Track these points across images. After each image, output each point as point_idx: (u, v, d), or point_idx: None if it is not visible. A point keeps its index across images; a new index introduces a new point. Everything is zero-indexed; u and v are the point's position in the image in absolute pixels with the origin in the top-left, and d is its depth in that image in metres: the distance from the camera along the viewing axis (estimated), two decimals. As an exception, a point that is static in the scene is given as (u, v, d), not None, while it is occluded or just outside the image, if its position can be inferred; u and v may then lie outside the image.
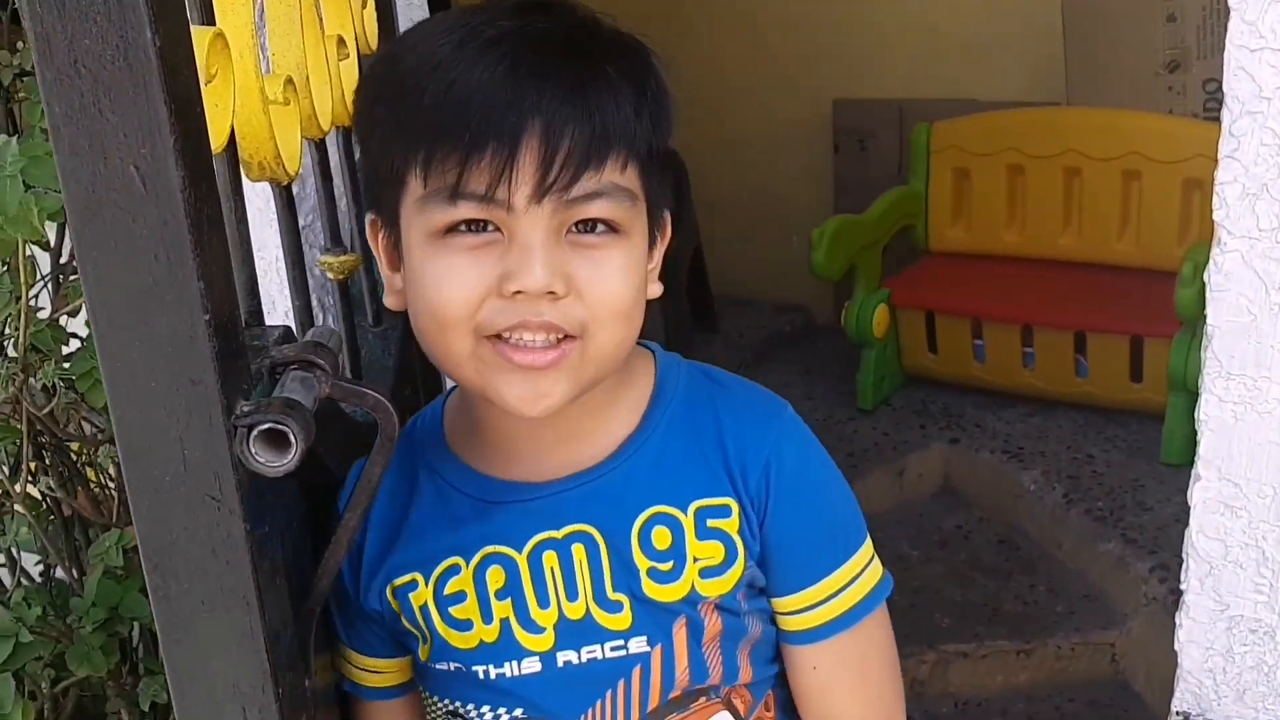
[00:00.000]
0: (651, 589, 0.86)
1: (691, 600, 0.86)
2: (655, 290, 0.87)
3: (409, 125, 0.77)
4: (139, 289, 0.61)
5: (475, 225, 0.77)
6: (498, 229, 0.76)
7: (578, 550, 0.86)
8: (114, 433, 0.64)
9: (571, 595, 0.86)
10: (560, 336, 0.78)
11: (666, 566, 0.86)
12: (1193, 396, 0.99)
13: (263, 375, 0.72)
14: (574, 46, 0.78)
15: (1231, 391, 0.96)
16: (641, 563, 0.86)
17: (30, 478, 1.43)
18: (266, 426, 0.64)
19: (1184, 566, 1.04)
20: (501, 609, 0.87)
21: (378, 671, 0.94)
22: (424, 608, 0.87)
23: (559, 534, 0.86)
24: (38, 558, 1.52)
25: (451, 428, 0.92)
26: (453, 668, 0.89)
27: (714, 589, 0.86)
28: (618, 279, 0.79)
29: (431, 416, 0.94)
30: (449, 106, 0.75)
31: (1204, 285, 0.96)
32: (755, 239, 3.30)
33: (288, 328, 0.79)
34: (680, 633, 0.87)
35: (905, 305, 2.74)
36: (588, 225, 0.78)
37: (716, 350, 3.08)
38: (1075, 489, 2.32)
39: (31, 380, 1.34)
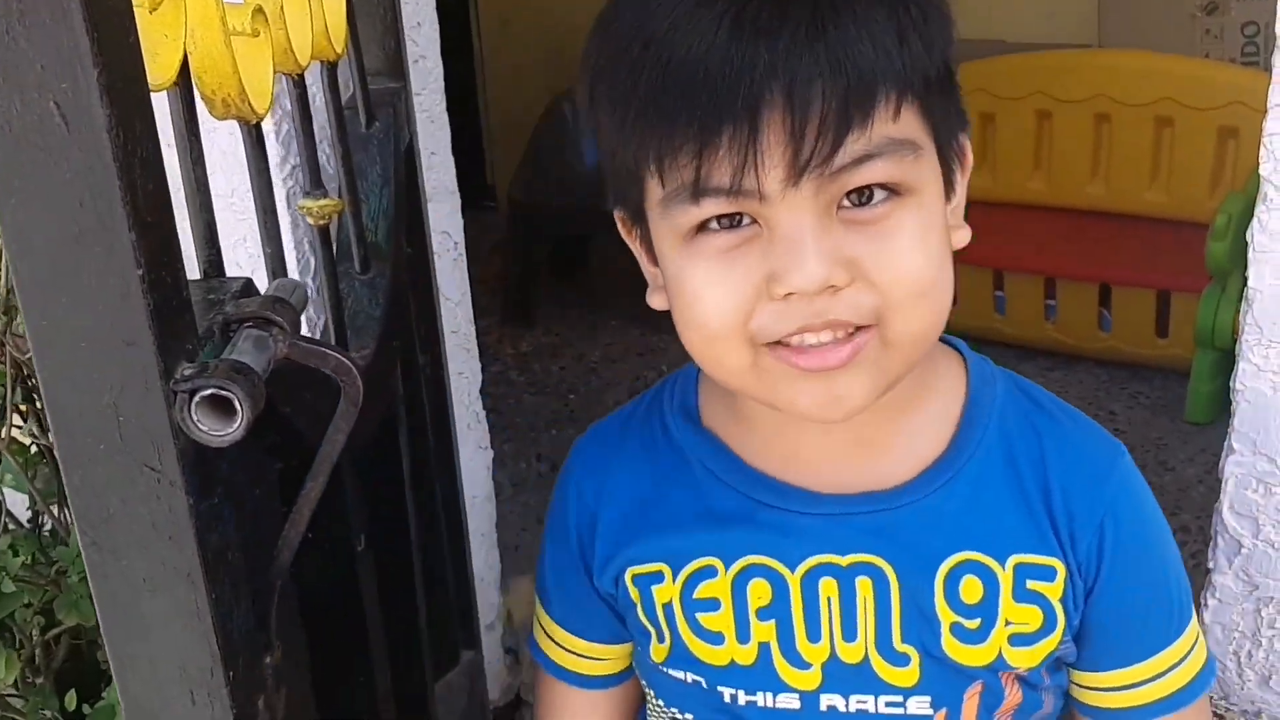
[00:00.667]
0: (952, 647, 0.75)
1: (994, 667, 0.75)
2: (962, 238, 0.72)
3: (631, 118, 0.66)
4: (64, 240, 0.55)
5: (727, 220, 0.66)
6: (754, 220, 0.65)
7: (863, 585, 0.75)
8: (44, 397, 0.58)
9: (849, 635, 0.76)
10: (852, 329, 0.66)
11: (973, 624, 0.75)
12: (1220, 354, 0.93)
13: (214, 334, 0.66)
14: None
15: (1272, 360, 0.89)
16: (945, 615, 0.75)
17: (19, 422, 1.39)
18: (209, 392, 0.59)
19: (1211, 544, 0.98)
20: (763, 631, 0.77)
21: (591, 658, 0.85)
22: (668, 606, 0.78)
23: (842, 561, 0.75)
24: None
25: (709, 402, 0.81)
26: (692, 680, 0.79)
27: (1023, 659, 0.76)
28: (912, 252, 0.65)
29: (684, 383, 0.83)
30: (670, 91, 0.63)
31: (1236, 238, 0.89)
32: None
33: (248, 280, 0.73)
34: (972, 701, 0.76)
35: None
36: (863, 194, 0.65)
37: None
38: (1095, 447, 2.26)
39: (15, 323, 1.29)
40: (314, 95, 1.10)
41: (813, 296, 0.64)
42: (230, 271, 0.86)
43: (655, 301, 0.75)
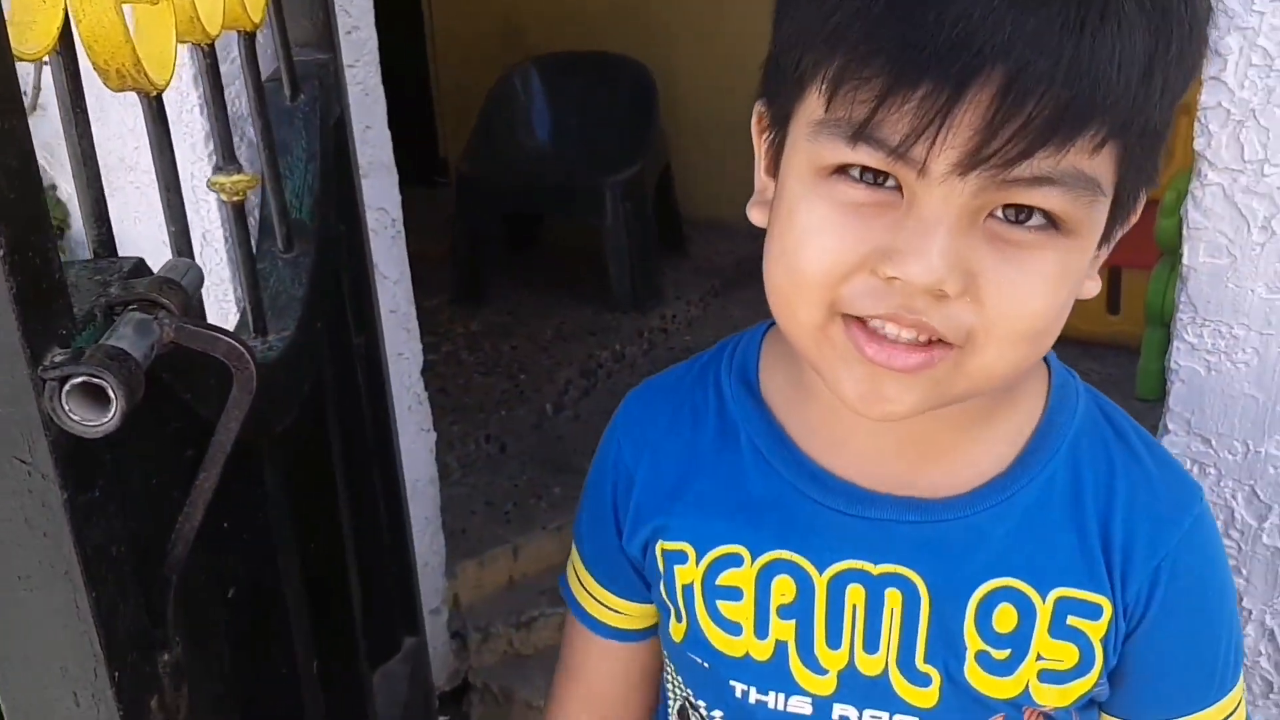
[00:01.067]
0: (976, 676, 0.70)
1: (1018, 702, 0.71)
2: (1091, 289, 0.66)
3: (833, 21, 0.57)
4: (-85, 219, 0.51)
5: (872, 175, 0.59)
6: (899, 188, 0.58)
7: (892, 597, 0.71)
8: (-97, 385, 0.55)
9: (871, 646, 0.72)
10: (933, 339, 0.60)
11: (1002, 655, 0.70)
12: (1170, 330, 0.91)
13: (95, 318, 0.62)
14: None
15: (1205, 339, 0.87)
16: (972, 641, 0.70)
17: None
18: (81, 380, 0.55)
19: (1148, 525, 0.97)
20: (782, 629, 0.73)
21: (615, 610, 0.83)
22: (688, 588, 0.75)
23: (874, 569, 0.70)
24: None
25: (770, 371, 0.76)
26: (707, 666, 0.76)
27: (1052, 698, 0.70)
28: (1040, 291, 0.59)
29: (746, 349, 0.78)
30: (887, 13, 0.55)
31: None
32: (728, 159, 3.18)
33: (140, 260, 0.69)
34: None
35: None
36: (1020, 212, 0.58)
37: (684, 276, 2.98)
38: (1046, 424, 2.25)
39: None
40: (238, 70, 1.06)
41: (917, 290, 0.58)
42: (165, 254, 0.82)
43: (755, 215, 0.68)
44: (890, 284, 0.59)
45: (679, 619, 0.77)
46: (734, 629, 0.74)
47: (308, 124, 1.20)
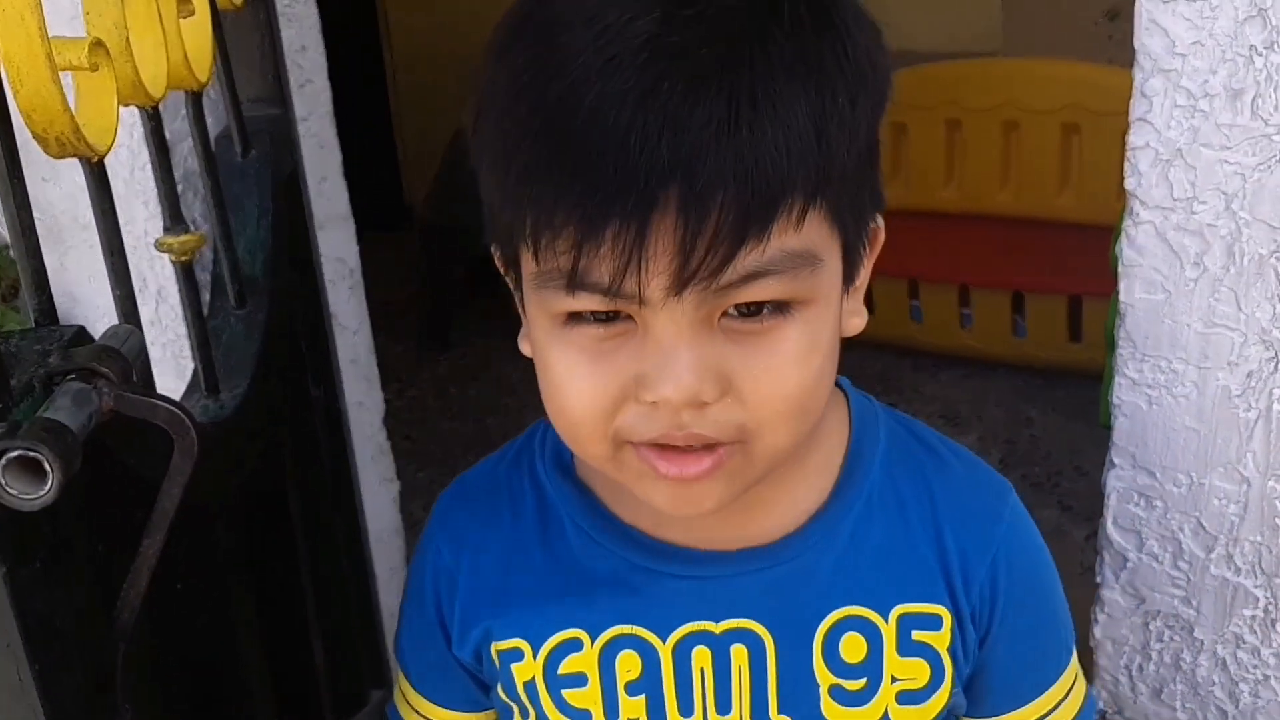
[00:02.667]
0: (832, 711, 0.71)
1: None
2: (857, 325, 0.67)
3: (514, 181, 0.59)
4: None
5: (603, 314, 0.61)
6: (630, 315, 0.60)
7: (737, 653, 0.71)
8: None
9: (723, 707, 0.72)
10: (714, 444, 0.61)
11: (856, 685, 0.71)
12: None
13: (34, 389, 0.62)
14: (730, 53, 0.55)
15: (1145, 374, 0.89)
16: (824, 677, 0.71)
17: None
18: (17, 454, 0.55)
19: (1099, 559, 0.98)
20: (632, 706, 0.72)
21: None
22: (530, 685, 0.73)
23: (717, 628, 0.71)
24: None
25: None
26: None
27: (911, 718, 0.72)
28: (792, 371, 0.61)
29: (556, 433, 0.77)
30: (561, 165, 0.56)
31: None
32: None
33: (81, 328, 0.70)
34: None
35: (840, 266, 2.67)
36: (749, 307, 0.60)
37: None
38: (1012, 454, 2.27)
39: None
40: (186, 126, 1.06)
41: (679, 407, 0.59)
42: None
43: (526, 349, 0.70)
44: (655, 407, 0.60)
45: (524, 715, 0.75)
46: (582, 716, 0.73)
47: (259, 180, 1.21)
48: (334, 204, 1.51)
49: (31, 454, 0.55)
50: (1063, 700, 0.76)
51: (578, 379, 0.62)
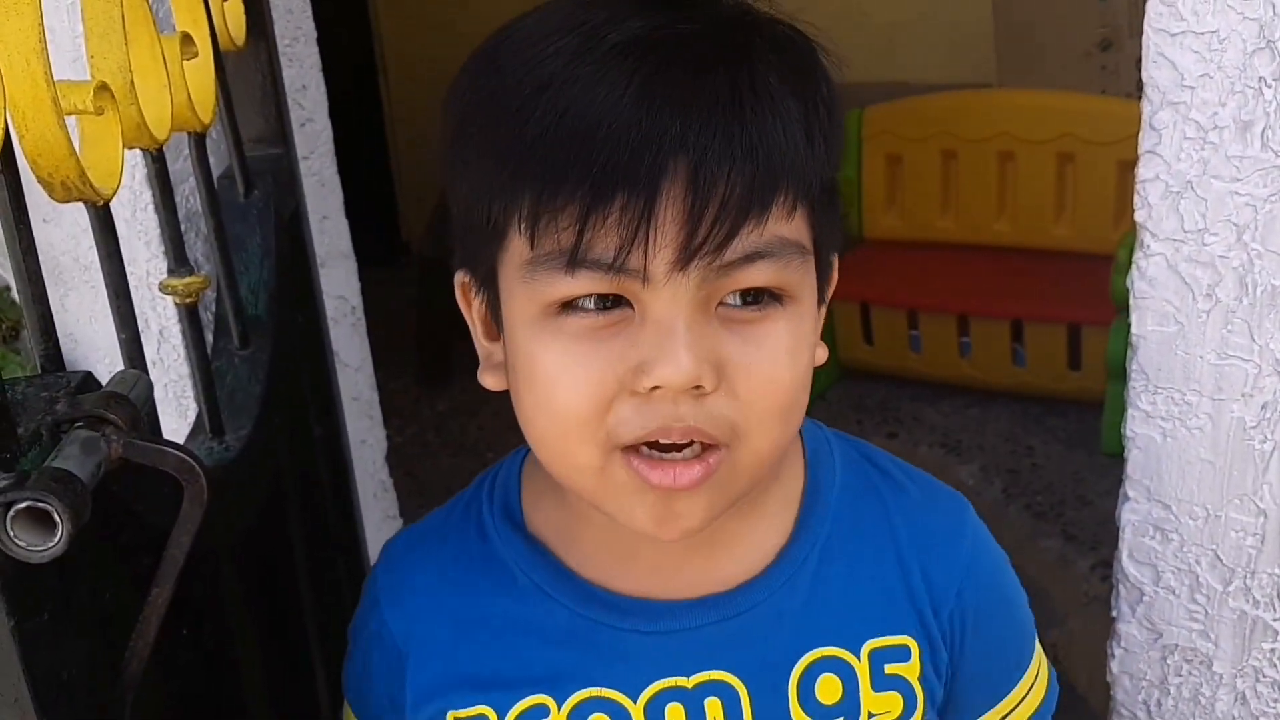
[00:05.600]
0: None
1: None
2: (820, 356, 0.68)
3: (511, 163, 0.59)
4: None
5: (601, 300, 0.59)
6: (628, 303, 0.59)
7: (712, 707, 0.68)
8: None
9: None
10: (705, 444, 0.61)
11: None
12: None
13: (41, 437, 0.61)
14: (725, 50, 0.58)
15: (1159, 407, 0.88)
16: None
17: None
18: (25, 505, 0.54)
19: (1114, 593, 0.97)
20: None
21: None
22: None
23: (689, 683, 0.68)
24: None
25: (534, 501, 0.73)
26: None
27: None
28: (783, 364, 0.61)
29: (506, 482, 0.75)
30: (563, 141, 0.57)
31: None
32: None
33: (88, 374, 0.69)
34: None
35: (839, 297, 2.66)
36: (746, 294, 0.60)
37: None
38: (1014, 483, 2.26)
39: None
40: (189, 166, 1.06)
41: (677, 396, 0.59)
42: (120, 355, 0.81)
43: (489, 381, 0.68)
44: (651, 398, 0.59)
45: None
46: None
47: (262, 219, 1.20)
48: (336, 242, 1.51)
49: (41, 505, 0.54)
50: (1029, 690, 0.77)
51: (571, 369, 0.60)
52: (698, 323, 0.59)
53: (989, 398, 2.55)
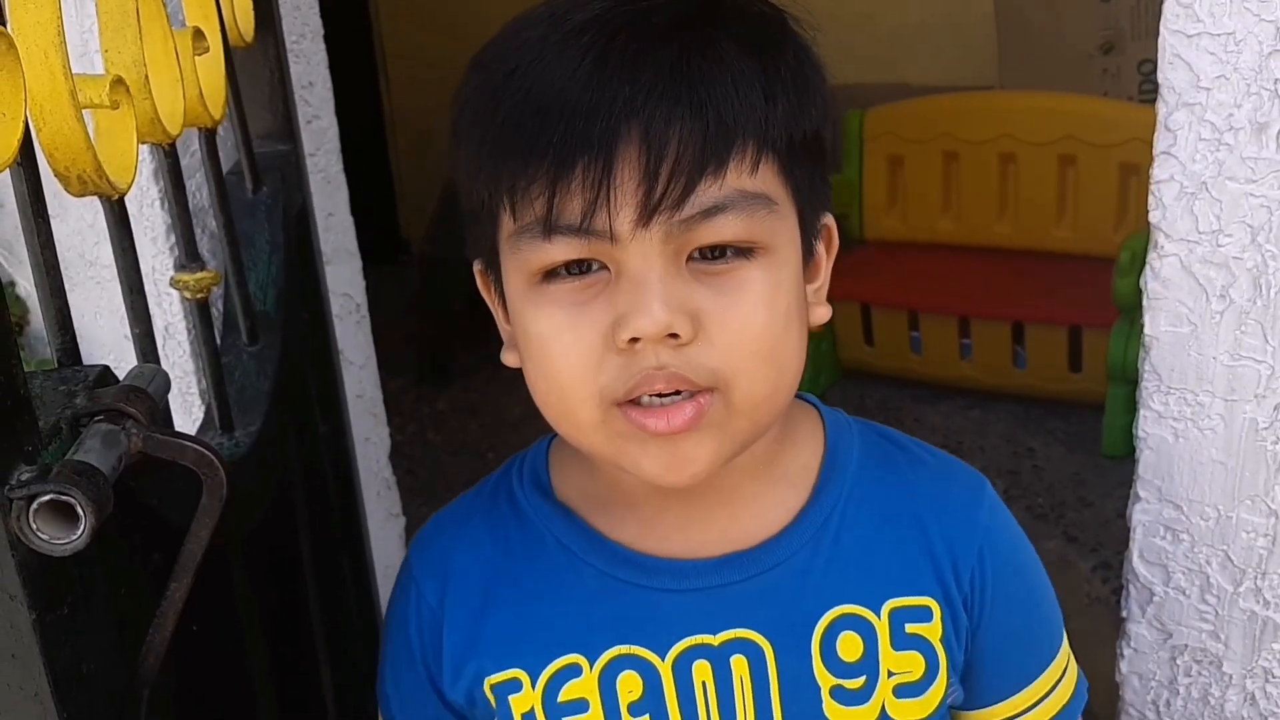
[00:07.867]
0: (834, 711, 0.71)
1: None
2: (823, 314, 0.71)
3: (488, 144, 0.64)
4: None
5: (578, 266, 0.64)
6: (605, 266, 0.63)
7: (738, 664, 0.71)
8: None
9: (728, 718, 0.72)
10: (694, 390, 0.63)
11: (856, 684, 0.71)
12: (1133, 387, 0.92)
13: (61, 430, 0.61)
14: (681, 21, 0.62)
15: (1171, 407, 0.88)
16: (824, 679, 0.71)
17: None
18: (49, 498, 0.54)
19: (1124, 593, 0.97)
20: None
21: None
22: (529, 716, 0.72)
23: (714, 640, 0.71)
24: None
25: (562, 475, 0.76)
26: None
27: (910, 712, 0.72)
28: (757, 309, 0.63)
29: (535, 460, 0.79)
30: (526, 119, 0.62)
31: (1141, 274, 0.88)
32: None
33: (106, 368, 0.68)
34: None
35: (840, 298, 2.66)
36: (714, 251, 0.63)
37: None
38: (1015, 485, 2.26)
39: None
40: (199, 163, 1.06)
41: (656, 346, 0.62)
42: (125, 348, 0.81)
43: (509, 359, 0.72)
44: (633, 352, 0.62)
45: None
46: None
47: (270, 216, 1.20)
48: (341, 239, 1.50)
49: (64, 498, 0.54)
50: (1057, 684, 0.77)
51: (561, 332, 0.64)
52: (670, 275, 0.62)
53: (990, 399, 2.55)
